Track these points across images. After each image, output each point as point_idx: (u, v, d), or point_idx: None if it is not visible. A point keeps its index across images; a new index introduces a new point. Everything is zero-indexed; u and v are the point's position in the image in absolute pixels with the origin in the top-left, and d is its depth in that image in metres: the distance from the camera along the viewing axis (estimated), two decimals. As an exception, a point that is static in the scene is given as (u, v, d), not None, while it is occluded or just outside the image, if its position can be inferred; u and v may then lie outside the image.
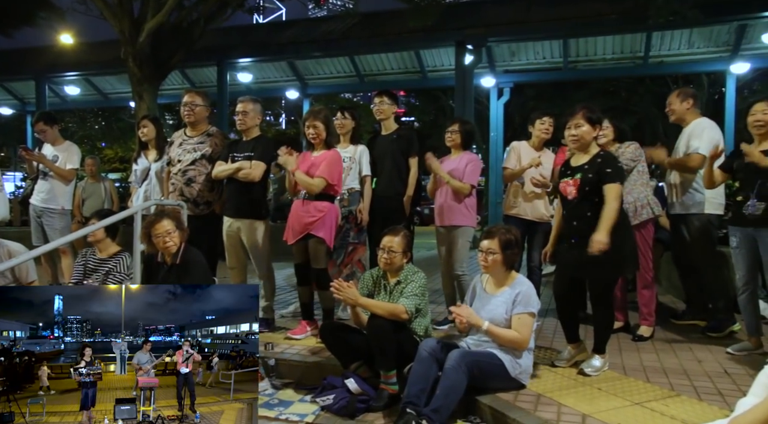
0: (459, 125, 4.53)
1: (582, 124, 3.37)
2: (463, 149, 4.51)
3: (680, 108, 4.27)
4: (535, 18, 9.09)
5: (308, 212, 4.04)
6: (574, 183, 3.39)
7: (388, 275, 3.50)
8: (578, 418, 2.75)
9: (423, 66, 11.58)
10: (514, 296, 3.15)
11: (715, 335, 4.17)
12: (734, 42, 9.81)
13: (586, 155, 3.44)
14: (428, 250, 9.86)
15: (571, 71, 11.26)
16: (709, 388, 3.15)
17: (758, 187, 3.45)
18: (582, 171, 3.38)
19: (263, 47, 11.17)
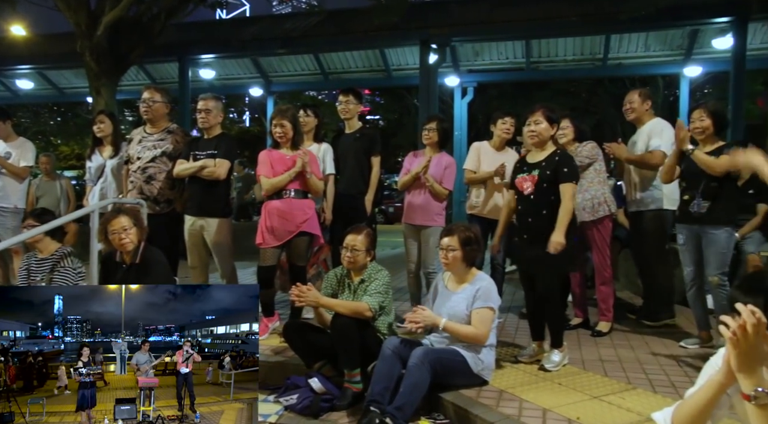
0: (437, 123, 4.48)
1: (541, 122, 3.45)
2: (439, 148, 4.50)
3: (640, 108, 4.36)
4: (498, 18, 9.21)
5: (301, 210, 4.04)
6: (531, 179, 3.46)
7: (351, 273, 3.50)
8: (539, 413, 2.80)
9: (388, 64, 11.61)
10: (475, 292, 3.18)
11: (650, 323, 4.35)
12: (687, 46, 10.15)
13: (542, 152, 3.51)
14: (393, 248, 9.90)
15: (533, 72, 11.46)
16: (663, 380, 3.25)
17: (703, 187, 3.59)
18: (539, 168, 3.45)
19: (226, 43, 11.00)
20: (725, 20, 8.62)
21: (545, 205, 3.42)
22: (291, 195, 4.05)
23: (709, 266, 3.61)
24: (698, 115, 3.68)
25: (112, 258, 3.65)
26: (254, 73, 12.45)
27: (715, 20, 8.77)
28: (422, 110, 9.75)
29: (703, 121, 3.64)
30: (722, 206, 3.55)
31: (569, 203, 3.34)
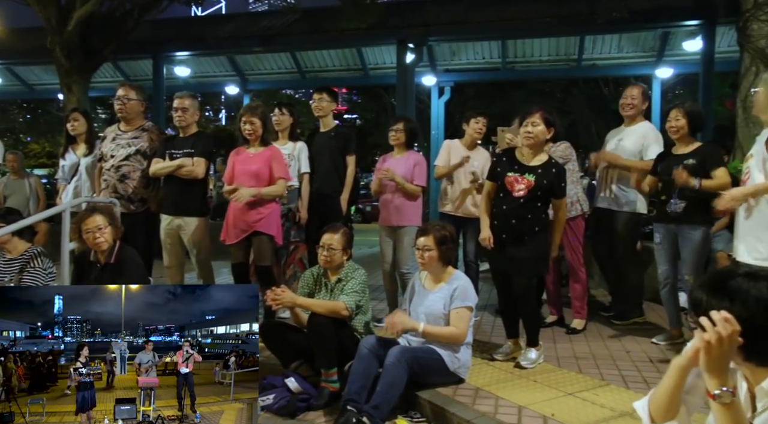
0: (404, 124, 4.53)
1: (538, 124, 3.46)
2: (407, 148, 4.53)
3: (641, 106, 4.28)
4: (474, 19, 9.26)
5: (256, 209, 3.99)
6: (526, 183, 3.45)
7: (328, 272, 3.49)
8: (515, 410, 2.83)
9: (365, 63, 11.60)
10: (452, 291, 3.21)
11: (619, 323, 4.43)
12: (659, 48, 10.35)
13: (537, 156, 3.53)
14: (370, 247, 9.90)
15: (509, 72, 11.56)
16: (635, 376, 3.31)
17: (679, 187, 3.65)
18: (535, 174, 3.46)
19: (201, 41, 10.86)
20: (694, 23, 8.81)
21: (532, 211, 3.45)
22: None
23: (685, 265, 3.68)
24: (674, 115, 3.73)
25: (86, 258, 3.59)
26: (230, 71, 12.33)
27: (685, 23, 8.96)
28: (399, 109, 9.77)
29: (679, 120, 3.70)
30: (698, 207, 3.61)
31: (564, 218, 3.50)
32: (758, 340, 1.43)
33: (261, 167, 4.02)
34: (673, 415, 1.58)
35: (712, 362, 1.39)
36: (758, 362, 1.47)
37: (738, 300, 1.42)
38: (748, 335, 1.42)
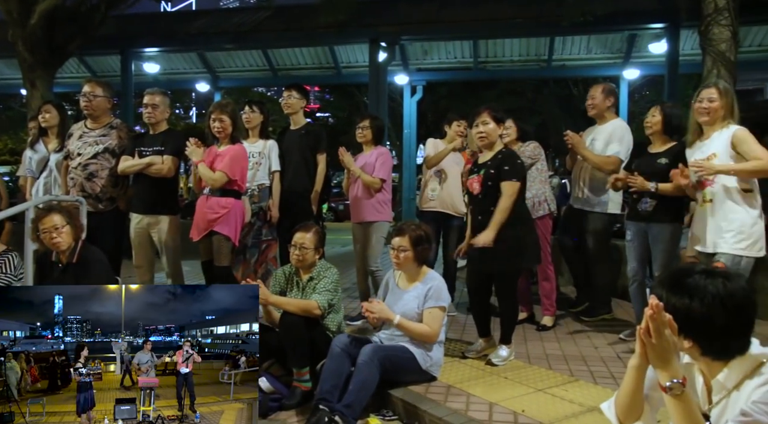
0: (369, 121, 4.59)
1: (488, 122, 3.52)
2: (374, 145, 4.56)
3: (602, 104, 4.34)
4: (446, 18, 9.31)
5: (212, 208, 3.96)
6: (478, 179, 3.55)
7: (300, 271, 3.48)
8: (486, 406, 2.86)
9: (337, 62, 11.56)
10: (426, 291, 3.22)
11: (588, 319, 4.53)
12: (626, 49, 10.56)
13: (491, 153, 3.59)
14: (342, 246, 9.88)
15: (480, 71, 11.66)
16: (603, 372, 3.38)
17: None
18: (485, 167, 3.53)
19: (171, 37, 10.68)
20: (659, 26, 9.01)
21: (493, 203, 3.48)
22: (206, 193, 4.02)
23: (656, 263, 3.77)
24: (652, 112, 3.85)
25: (47, 258, 3.51)
26: (201, 68, 12.15)
27: (650, 26, 9.17)
28: (371, 108, 9.77)
29: (654, 117, 3.80)
30: (668, 205, 3.69)
31: (505, 201, 3.40)
32: (715, 335, 1.48)
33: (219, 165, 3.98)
34: (638, 415, 1.62)
35: (655, 354, 1.43)
36: (714, 357, 1.52)
37: (696, 297, 1.46)
38: (705, 330, 1.47)
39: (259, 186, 4.55)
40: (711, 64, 5.76)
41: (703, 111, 3.22)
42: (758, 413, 1.39)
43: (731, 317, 1.45)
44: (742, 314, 1.47)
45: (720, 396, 1.55)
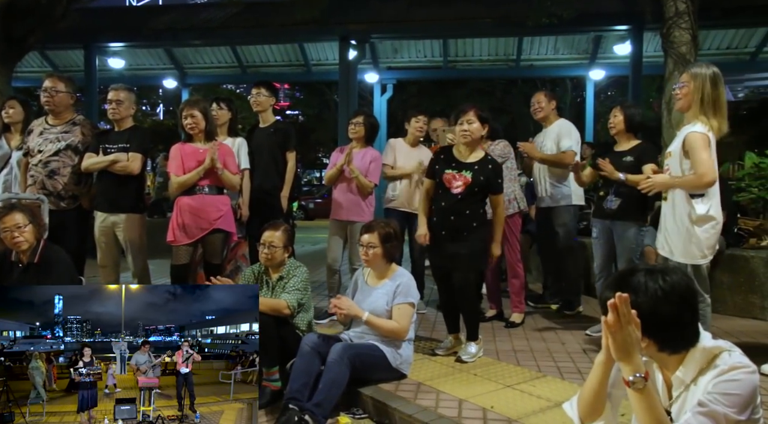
0: (364, 118, 4.55)
1: (473, 121, 3.54)
2: (366, 142, 4.54)
3: (547, 107, 4.59)
4: (416, 17, 9.35)
5: (215, 206, 3.93)
6: (463, 180, 3.52)
7: (269, 270, 3.45)
8: (455, 403, 2.88)
9: (307, 59, 11.51)
10: (395, 288, 3.23)
11: (569, 312, 4.64)
12: (592, 50, 10.78)
13: (473, 153, 3.59)
14: (313, 244, 9.84)
15: (450, 70, 11.76)
16: (570, 367, 3.44)
17: (616, 185, 3.82)
18: (472, 170, 3.52)
19: (137, 32, 10.47)
20: (624, 28, 9.23)
21: (470, 207, 3.52)
22: (204, 191, 3.95)
23: (620, 260, 3.85)
24: (613, 112, 3.96)
25: (7, 258, 3.40)
26: (168, 64, 11.96)
27: (615, 28, 9.39)
28: (342, 106, 9.76)
29: (616, 117, 3.91)
30: (633, 204, 3.77)
31: (503, 214, 3.55)
32: (665, 328, 1.53)
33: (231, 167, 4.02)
34: (600, 413, 1.66)
35: (618, 348, 1.47)
36: (670, 351, 1.57)
37: (640, 293, 1.51)
38: (656, 325, 1.52)
39: (228, 184, 4.50)
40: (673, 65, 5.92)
41: (675, 97, 3.19)
42: (713, 403, 1.45)
43: (677, 308, 1.51)
44: (686, 304, 1.53)
45: (679, 391, 1.60)
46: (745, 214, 5.24)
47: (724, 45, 10.48)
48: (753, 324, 4.43)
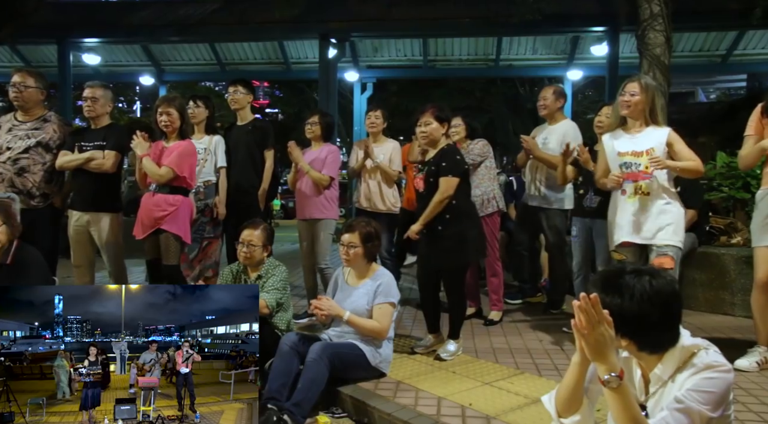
0: (319, 117, 4.58)
1: (431, 122, 3.56)
2: (323, 141, 4.55)
3: (554, 105, 4.48)
4: (396, 16, 9.35)
5: (158, 205, 3.84)
6: (422, 177, 3.60)
7: (248, 269, 3.43)
8: (434, 401, 2.90)
9: (287, 57, 11.44)
10: (375, 287, 3.23)
11: (555, 311, 4.70)
12: (570, 51, 10.90)
13: (435, 151, 3.63)
14: (293, 243, 9.80)
15: (430, 69, 11.79)
16: (548, 364, 3.48)
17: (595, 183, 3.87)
18: (428, 165, 3.59)
19: (113, 27, 10.28)
20: (600, 29, 9.35)
21: None
22: (151, 189, 3.91)
23: (599, 257, 3.90)
24: (606, 112, 4.01)
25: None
26: (145, 60, 11.77)
27: (592, 29, 9.50)
28: (321, 105, 9.71)
29: (609, 118, 3.87)
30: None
31: (438, 196, 3.47)
32: (647, 330, 1.56)
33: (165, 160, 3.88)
34: (577, 408, 1.69)
35: (592, 349, 1.49)
36: (650, 351, 1.60)
37: (627, 295, 1.54)
38: (639, 327, 1.55)
39: (205, 183, 4.46)
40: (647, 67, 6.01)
41: (624, 104, 3.31)
42: (690, 400, 1.48)
43: (660, 312, 1.54)
44: (669, 309, 1.56)
45: (656, 387, 1.63)
46: (716, 212, 5.36)
47: (696, 47, 10.68)
48: (724, 320, 4.54)
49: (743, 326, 4.15)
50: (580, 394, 1.68)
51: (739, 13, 7.68)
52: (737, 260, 4.60)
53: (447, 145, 3.66)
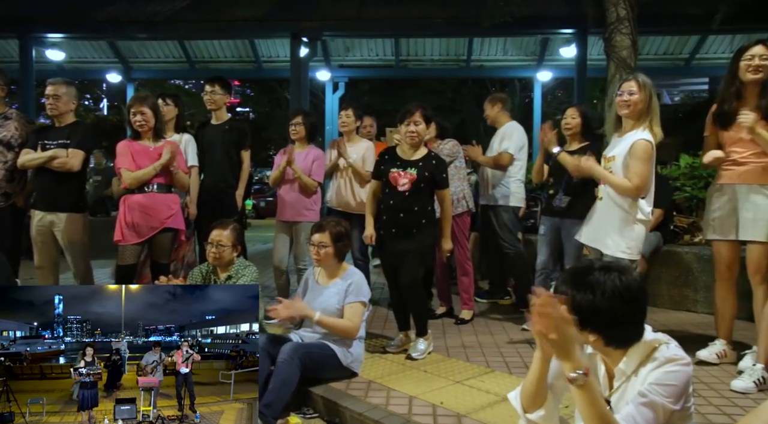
0: (303, 117, 4.53)
1: (420, 122, 3.59)
2: (308, 142, 4.51)
3: (492, 112, 4.74)
4: (368, 15, 9.35)
5: (165, 205, 3.86)
6: (409, 177, 3.56)
7: (218, 270, 3.39)
8: (406, 400, 2.91)
9: (258, 56, 11.34)
10: (346, 287, 3.23)
11: (524, 309, 4.71)
12: (539, 53, 11.06)
13: (417, 151, 3.64)
14: (264, 243, 9.72)
15: (402, 69, 11.83)
16: (518, 362, 3.52)
17: (565, 183, 3.94)
18: (417, 167, 3.57)
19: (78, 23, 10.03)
20: (569, 32, 9.50)
21: (418, 203, 3.57)
22: (154, 189, 3.85)
23: (568, 257, 3.96)
24: (570, 113, 4.04)
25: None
26: (112, 57, 11.53)
27: (561, 31, 9.65)
28: (293, 104, 9.65)
29: (575, 119, 4.01)
30: (581, 202, 3.84)
31: (450, 209, 3.60)
32: (616, 325, 1.59)
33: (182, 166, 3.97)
34: (542, 403, 1.72)
35: (557, 349, 1.51)
36: (616, 346, 1.64)
37: (598, 292, 1.57)
38: (608, 322, 1.58)
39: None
40: (614, 69, 6.14)
41: (623, 104, 3.22)
42: (653, 394, 1.53)
43: (630, 307, 1.58)
44: (637, 304, 1.60)
45: (620, 382, 1.67)
46: (680, 212, 5.49)
47: (661, 51, 10.94)
48: (687, 316, 4.66)
49: (705, 323, 4.27)
50: (544, 388, 1.71)
51: (700, 18, 7.90)
52: (700, 259, 4.73)
53: (433, 152, 3.71)
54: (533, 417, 1.72)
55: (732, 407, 2.77)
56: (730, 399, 2.87)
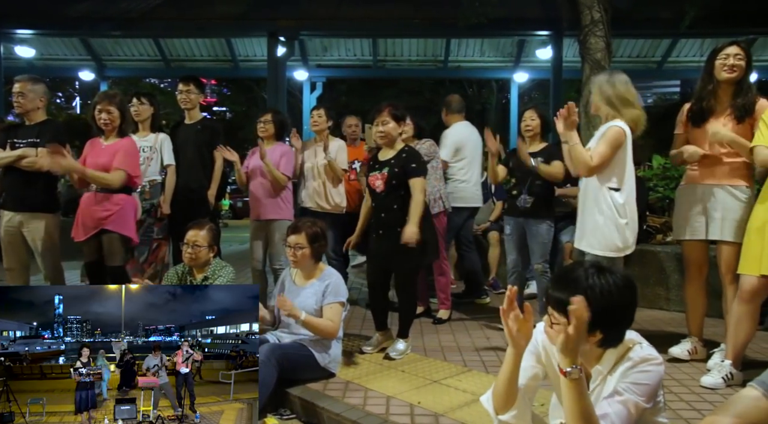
0: (272, 115, 4.53)
1: (388, 121, 3.58)
2: (276, 140, 4.50)
3: (445, 116, 4.94)
4: (346, 15, 9.34)
5: (102, 205, 3.71)
6: (382, 177, 3.58)
7: (194, 270, 3.35)
8: (383, 400, 2.91)
9: (234, 55, 11.24)
10: (324, 288, 3.22)
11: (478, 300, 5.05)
12: (516, 54, 11.17)
13: (392, 150, 3.65)
14: (241, 243, 9.65)
15: (379, 70, 11.84)
16: (494, 361, 3.54)
17: (529, 183, 3.98)
18: (389, 165, 3.58)
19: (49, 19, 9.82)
20: (545, 34, 9.62)
21: (396, 201, 3.56)
22: (92, 189, 3.78)
23: (534, 255, 4.00)
24: (530, 115, 4.07)
25: None
26: (84, 54, 11.31)
27: (537, 33, 9.76)
28: (270, 103, 9.60)
29: (534, 120, 4.04)
30: (544, 202, 3.96)
31: (420, 196, 3.51)
32: (610, 326, 1.63)
33: (109, 160, 3.72)
34: (513, 403, 1.74)
35: (571, 344, 1.54)
36: (608, 345, 1.69)
37: (596, 291, 1.60)
38: (604, 323, 1.61)
39: (151, 182, 4.34)
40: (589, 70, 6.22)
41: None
42: (628, 392, 1.58)
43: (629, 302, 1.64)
44: (634, 298, 1.66)
45: (596, 383, 1.70)
46: (653, 211, 5.59)
47: (634, 53, 11.14)
48: (659, 314, 4.75)
49: (677, 320, 4.36)
50: (515, 388, 1.73)
51: (671, 21, 8.07)
52: (672, 258, 4.83)
53: (407, 147, 3.69)
54: (506, 418, 1.74)
55: (701, 403, 2.83)
56: (700, 394, 2.94)
